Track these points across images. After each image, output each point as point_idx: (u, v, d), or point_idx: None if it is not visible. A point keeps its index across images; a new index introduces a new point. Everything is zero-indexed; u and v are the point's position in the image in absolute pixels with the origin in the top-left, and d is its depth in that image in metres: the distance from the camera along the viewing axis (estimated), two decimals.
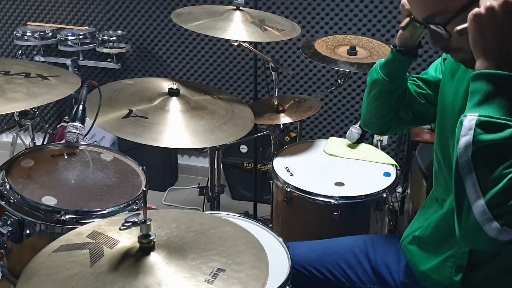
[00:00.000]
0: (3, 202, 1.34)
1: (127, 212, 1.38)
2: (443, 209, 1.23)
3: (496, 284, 1.17)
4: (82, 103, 1.53)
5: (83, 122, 1.52)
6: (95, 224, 1.05)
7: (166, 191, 3.23)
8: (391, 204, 1.83)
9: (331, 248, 1.48)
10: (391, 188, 1.76)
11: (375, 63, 1.91)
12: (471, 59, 0.98)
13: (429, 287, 1.28)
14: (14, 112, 1.49)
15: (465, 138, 0.91)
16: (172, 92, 1.73)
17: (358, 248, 1.45)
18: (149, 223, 0.91)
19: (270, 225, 1.89)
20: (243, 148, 2.98)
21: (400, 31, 1.33)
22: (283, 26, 1.96)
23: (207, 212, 1.70)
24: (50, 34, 3.06)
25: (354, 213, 1.72)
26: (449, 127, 1.20)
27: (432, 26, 1.01)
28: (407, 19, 1.13)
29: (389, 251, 1.40)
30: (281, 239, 1.41)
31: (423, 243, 1.27)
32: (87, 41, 3.02)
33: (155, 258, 0.91)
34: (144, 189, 1.48)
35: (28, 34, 3.01)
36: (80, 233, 1.02)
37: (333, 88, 2.11)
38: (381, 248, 1.43)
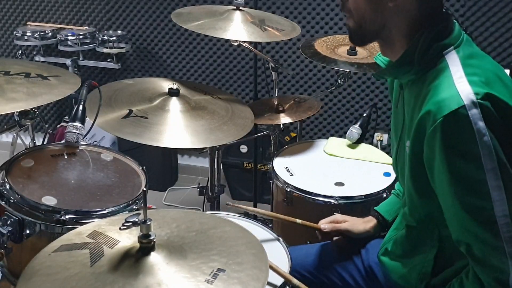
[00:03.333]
0: (3, 202, 1.34)
1: (127, 212, 1.38)
2: (403, 229, 1.25)
3: None
4: (82, 103, 1.53)
5: (83, 122, 1.52)
6: (95, 224, 1.05)
7: (166, 191, 3.23)
8: None
9: (326, 252, 1.48)
10: (391, 188, 1.75)
11: (375, 63, 1.92)
12: (355, 29, 1.10)
13: None
14: (14, 112, 1.49)
15: None
16: (172, 92, 1.73)
17: (352, 250, 1.46)
18: (149, 223, 0.91)
19: (270, 225, 1.89)
20: (243, 148, 2.98)
21: None
22: (283, 26, 1.96)
23: (207, 212, 1.70)
24: (50, 34, 3.06)
25: (354, 213, 1.71)
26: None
27: None
28: None
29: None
30: (281, 239, 1.41)
31: (394, 256, 1.30)
32: (87, 41, 3.02)
33: (155, 258, 0.91)
34: (144, 189, 1.48)
35: (28, 34, 3.01)
36: (80, 233, 1.02)
37: (333, 88, 2.11)
38: (374, 249, 1.43)
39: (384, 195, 1.72)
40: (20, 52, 3.19)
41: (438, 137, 0.97)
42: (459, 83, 0.99)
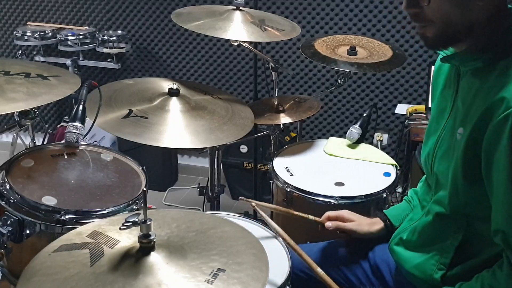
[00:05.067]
0: (3, 202, 1.34)
1: (127, 212, 1.38)
2: (428, 216, 1.25)
3: (472, 277, 1.18)
4: (82, 103, 1.53)
5: (83, 122, 1.52)
6: (95, 224, 1.05)
7: (166, 191, 3.23)
8: (391, 204, 1.83)
9: (330, 251, 1.48)
10: (391, 188, 1.76)
11: (375, 63, 1.92)
12: (438, 36, 1.06)
13: (415, 284, 1.29)
14: (14, 112, 1.49)
15: None
16: (172, 92, 1.73)
17: (357, 249, 1.46)
18: (149, 222, 0.91)
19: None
20: (243, 148, 2.98)
21: None
22: (283, 26, 1.96)
23: (207, 212, 1.70)
24: (50, 34, 3.07)
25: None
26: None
27: None
28: None
29: (387, 249, 1.40)
30: (281, 239, 1.41)
31: (409, 246, 1.29)
32: (87, 41, 3.02)
33: (155, 258, 0.91)
34: (144, 189, 1.47)
35: (28, 34, 3.02)
36: (80, 232, 1.02)
37: (333, 88, 2.11)
38: (380, 247, 1.44)
39: (384, 195, 1.72)
40: (20, 52, 3.20)
41: (509, 124, 0.96)
42: None
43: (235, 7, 1.93)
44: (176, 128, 1.63)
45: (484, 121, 1.02)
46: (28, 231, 1.33)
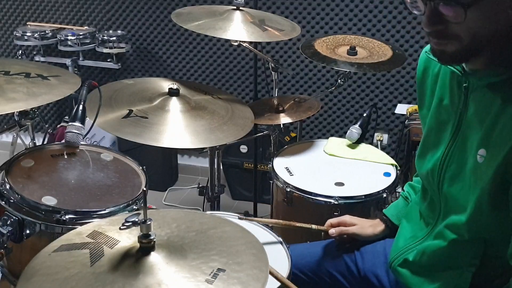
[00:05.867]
0: (3, 202, 1.34)
1: (127, 212, 1.38)
2: (439, 240, 1.17)
3: None
4: (82, 103, 1.53)
5: (83, 122, 1.52)
6: (96, 224, 1.05)
7: (166, 191, 3.23)
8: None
9: (321, 255, 1.46)
10: (391, 188, 1.76)
11: (375, 63, 1.92)
12: (459, 52, 0.97)
13: None
14: (14, 112, 1.49)
15: None
16: (172, 92, 1.73)
17: (348, 255, 1.43)
18: (149, 222, 0.91)
19: (270, 225, 1.89)
20: (243, 148, 2.98)
21: None
22: (283, 26, 1.96)
23: (207, 212, 1.70)
24: (50, 34, 3.07)
25: (354, 213, 1.71)
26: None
27: (445, 4, 0.93)
28: None
29: (377, 260, 1.37)
30: (281, 239, 1.41)
31: (418, 269, 1.22)
32: (87, 41, 3.02)
33: (155, 258, 0.91)
34: (144, 189, 1.47)
35: (28, 34, 3.02)
36: (80, 232, 1.02)
37: (333, 88, 2.11)
38: (369, 256, 1.40)
39: (384, 195, 1.72)
40: (20, 52, 3.20)
41: None
42: None
43: (235, 7, 1.93)
44: (176, 128, 1.63)
45: None
46: (28, 231, 1.33)
